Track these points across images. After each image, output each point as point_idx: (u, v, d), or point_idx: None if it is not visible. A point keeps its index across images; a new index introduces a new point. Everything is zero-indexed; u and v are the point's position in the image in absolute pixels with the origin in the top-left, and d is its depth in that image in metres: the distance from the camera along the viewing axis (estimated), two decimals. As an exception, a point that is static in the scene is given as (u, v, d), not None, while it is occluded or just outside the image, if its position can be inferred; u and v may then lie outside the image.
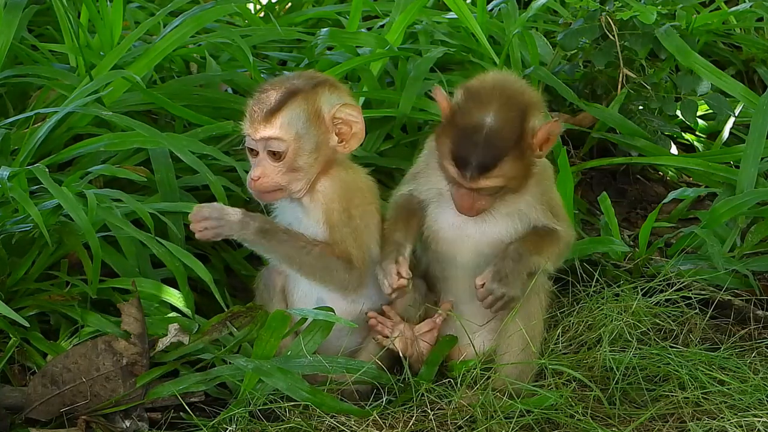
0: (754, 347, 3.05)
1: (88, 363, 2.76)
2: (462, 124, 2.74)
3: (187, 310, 2.92)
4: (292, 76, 2.86)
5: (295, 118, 2.76)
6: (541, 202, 2.89)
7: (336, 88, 2.84)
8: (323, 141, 2.79)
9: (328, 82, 2.84)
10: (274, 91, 2.77)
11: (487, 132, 2.71)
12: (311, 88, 2.79)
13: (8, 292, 2.93)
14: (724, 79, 3.86)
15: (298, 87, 2.78)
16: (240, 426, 2.68)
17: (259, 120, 2.75)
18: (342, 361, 2.77)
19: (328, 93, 2.80)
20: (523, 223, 2.89)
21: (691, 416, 2.74)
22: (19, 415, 2.74)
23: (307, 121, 2.77)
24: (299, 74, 2.90)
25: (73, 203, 2.82)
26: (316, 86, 2.80)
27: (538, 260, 2.85)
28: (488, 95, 2.74)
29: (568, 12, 4.38)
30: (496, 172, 2.73)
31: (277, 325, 2.75)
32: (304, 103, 2.77)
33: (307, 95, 2.77)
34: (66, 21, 3.73)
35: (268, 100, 2.76)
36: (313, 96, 2.78)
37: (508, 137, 2.72)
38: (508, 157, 2.72)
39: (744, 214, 3.47)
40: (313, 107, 2.77)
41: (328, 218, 2.81)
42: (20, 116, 3.36)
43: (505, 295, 2.80)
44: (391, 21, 4.02)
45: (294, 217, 2.86)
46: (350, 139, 2.82)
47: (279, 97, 2.76)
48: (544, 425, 2.71)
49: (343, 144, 2.81)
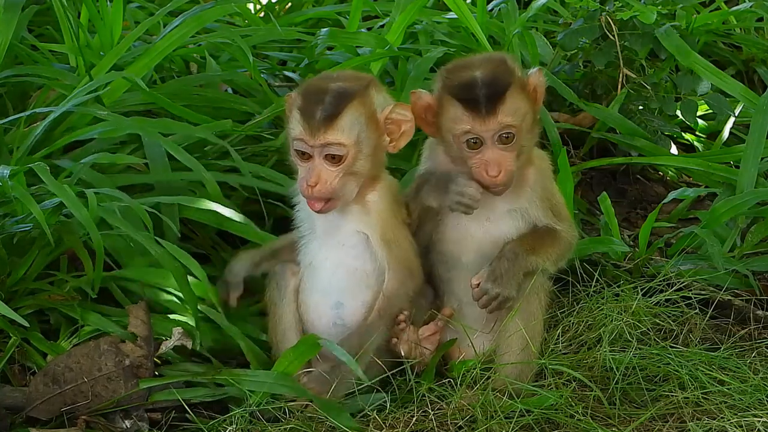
0: (754, 347, 3.05)
1: (90, 363, 2.76)
2: (455, 82, 2.80)
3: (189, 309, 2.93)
4: (335, 77, 2.81)
5: (356, 122, 2.72)
6: (543, 199, 2.90)
7: (380, 88, 2.83)
8: (378, 143, 2.78)
9: (374, 82, 2.82)
10: (327, 93, 2.72)
11: (483, 76, 2.78)
12: (364, 90, 2.75)
13: (8, 291, 2.93)
14: (724, 79, 3.86)
15: (353, 89, 2.73)
16: (240, 426, 2.68)
17: (319, 124, 2.70)
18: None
19: (377, 93, 2.79)
20: (526, 222, 2.90)
21: (691, 416, 2.74)
22: (20, 414, 2.74)
23: (366, 124, 2.74)
24: (341, 75, 2.84)
25: (75, 200, 2.82)
26: (368, 87, 2.77)
27: (536, 260, 2.85)
28: (471, 61, 2.87)
29: (568, 12, 4.38)
30: (508, 105, 2.77)
31: (306, 350, 2.76)
32: (362, 106, 2.73)
33: (363, 98, 2.74)
34: (66, 21, 3.73)
35: (323, 103, 2.71)
36: (369, 98, 2.75)
37: (505, 79, 2.79)
38: (510, 92, 2.78)
39: (744, 214, 3.47)
40: (370, 110, 2.75)
41: (384, 234, 2.81)
42: (17, 116, 3.36)
43: (500, 295, 2.80)
44: (391, 21, 4.02)
45: (332, 225, 2.83)
46: (399, 137, 2.81)
47: (336, 100, 2.71)
48: (544, 425, 2.71)
49: (393, 144, 2.81)
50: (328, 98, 2.71)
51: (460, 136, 2.80)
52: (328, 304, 2.85)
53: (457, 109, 2.79)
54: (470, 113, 2.78)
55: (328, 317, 2.85)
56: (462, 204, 2.78)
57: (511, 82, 2.80)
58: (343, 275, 2.83)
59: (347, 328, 2.83)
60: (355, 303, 2.84)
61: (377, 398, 2.77)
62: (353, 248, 2.83)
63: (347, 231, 2.83)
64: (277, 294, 2.89)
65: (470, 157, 2.81)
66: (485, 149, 2.80)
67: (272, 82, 4.02)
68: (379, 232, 2.80)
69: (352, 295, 2.84)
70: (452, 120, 2.80)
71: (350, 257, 2.83)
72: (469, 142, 2.80)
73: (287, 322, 2.87)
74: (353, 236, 2.83)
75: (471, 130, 2.78)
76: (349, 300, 2.84)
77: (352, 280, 2.83)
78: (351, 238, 2.83)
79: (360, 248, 2.83)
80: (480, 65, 2.83)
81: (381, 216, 2.81)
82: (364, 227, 2.82)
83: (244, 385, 2.74)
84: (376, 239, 2.80)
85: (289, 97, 2.82)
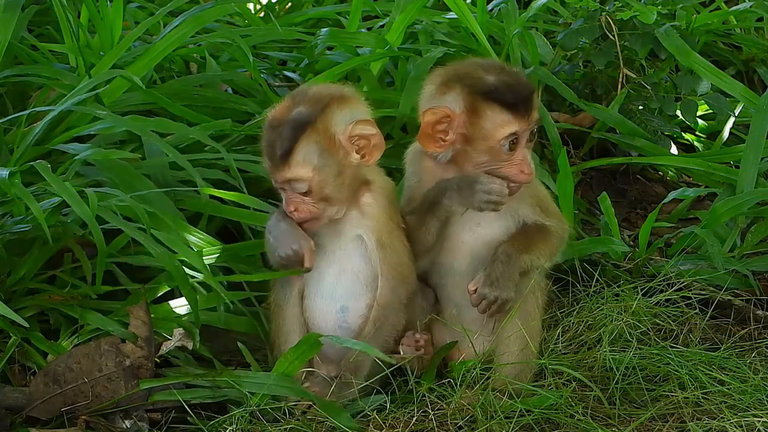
0: (754, 347, 3.05)
1: (91, 363, 2.76)
2: (491, 87, 2.78)
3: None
4: (300, 98, 2.75)
5: (310, 153, 2.69)
6: (530, 196, 2.89)
7: (344, 103, 2.75)
8: (345, 163, 2.74)
9: (334, 99, 2.75)
10: (281, 126, 2.70)
11: (516, 77, 2.81)
12: (319, 115, 2.70)
13: (8, 291, 2.94)
14: (724, 79, 3.86)
15: (303, 119, 2.69)
16: (240, 426, 2.68)
17: (277, 161, 2.69)
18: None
19: (338, 111, 2.73)
20: (515, 222, 2.89)
21: (691, 416, 2.74)
22: (20, 414, 2.74)
23: (323, 151, 2.70)
24: (304, 94, 2.76)
25: (76, 197, 2.82)
26: (324, 110, 2.71)
27: (530, 258, 2.84)
28: (486, 65, 2.85)
29: (568, 12, 4.38)
30: (536, 103, 2.82)
31: (307, 349, 2.76)
32: (315, 134, 2.69)
33: (315, 126, 2.69)
34: (66, 21, 3.73)
35: (278, 139, 2.69)
36: (323, 123, 2.70)
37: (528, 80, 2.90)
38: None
39: (744, 214, 3.47)
40: (326, 135, 2.70)
41: (380, 237, 2.80)
42: (17, 114, 3.36)
43: (498, 298, 2.79)
44: (391, 21, 4.02)
45: (333, 231, 2.82)
46: (371, 151, 2.77)
47: (288, 134, 2.68)
48: (544, 425, 2.71)
49: (365, 159, 2.77)
50: (283, 132, 2.69)
51: (503, 140, 2.78)
52: (334, 309, 2.85)
53: (501, 115, 2.77)
54: (514, 114, 2.77)
55: (333, 321, 2.85)
56: (491, 202, 2.77)
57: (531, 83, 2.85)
58: (348, 280, 2.84)
59: (351, 330, 2.84)
60: (358, 305, 2.84)
61: (377, 398, 2.77)
62: (355, 251, 2.83)
63: (348, 236, 2.83)
64: (282, 296, 2.88)
65: (504, 159, 2.80)
66: (518, 149, 2.80)
67: (272, 82, 4.02)
68: (376, 234, 2.80)
69: (356, 297, 2.85)
70: (495, 125, 2.78)
71: (353, 262, 2.83)
72: (510, 144, 2.79)
73: (291, 324, 2.87)
74: (354, 241, 2.83)
75: (516, 131, 2.78)
76: (353, 303, 2.84)
77: (356, 283, 2.84)
78: (352, 242, 2.83)
79: (361, 251, 2.83)
80: (495, 69, 2.82)
81: (377, 218, 2.80)
82: (362, 230, 2.82)
83: (245, 387, 2.73)
84: (373, 242, 2.80)
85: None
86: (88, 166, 3.20)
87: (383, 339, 2.82)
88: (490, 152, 2.80)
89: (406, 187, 2.95)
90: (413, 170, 2.94)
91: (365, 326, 2.82)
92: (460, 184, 2.79)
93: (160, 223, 3.00)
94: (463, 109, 2.79)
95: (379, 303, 2.82)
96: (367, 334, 2.81)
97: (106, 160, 3.13)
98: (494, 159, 2.80)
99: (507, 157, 2.80)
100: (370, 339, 2.80)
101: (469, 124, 2.79)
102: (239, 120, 3.61)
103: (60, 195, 2.83)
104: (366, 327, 2.82)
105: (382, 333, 2.82)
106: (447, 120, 2.79)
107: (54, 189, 2.84)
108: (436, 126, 2.80)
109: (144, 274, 3.12)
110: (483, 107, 2.78)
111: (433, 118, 2.79)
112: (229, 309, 3.01)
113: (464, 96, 2.79)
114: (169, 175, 3.23)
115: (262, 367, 2.92)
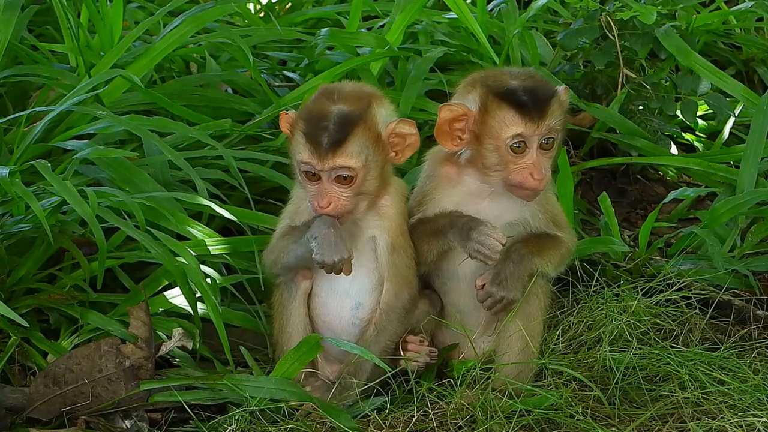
0: (754, 347, 3.05)
1: (91, 364, 2.76)
2: (505, 88, 2.79)
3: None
4: (335, 96, 2.77)
5: (363, 145, 2.73)
6: (544, 211, 2.90)
7: (381, 101, 2.82)
8: (385, 160, 2.79)
9: (374, 97, 2.81)
10: (331, 118, 2.72)
11: (533, 83, 2.81)
12: (367, 110, 2.75)
13: (8, 291, 2.94)
14: (724, 79, 3.86)
15: (356, 114, 2.73)
16: (240, 427, 2.68)
17: (326, 150, 2.70)
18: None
19: (379, 109, 2.78)
20: (526, 233, 2.89)
21: (691, 416, 2.74)
22: (20, 415, 2.74)
23: (372, 146, 2.75)
24: (341, 92, 2.79)
25: (76, 196, 2.82)
26: (370, 107, 2.76)
27: (540, 262, 2.85)
28: (511, 71, 2.88)
29: (568, 12, 4.38)
30: (554, 110, 2.79)
31: (307, 351, 2.77)
32: (367, 129, 2.74)
33: (366, 121, 2.74)
34: (66, 21, 3.73)
35: (330, 129, 2.71)
36: (372, 119, 2.76)
37: (550, 87, 2.85)
38: (555, 99, 2.81)
39: (744, 214, 3.47)
40: (374, 131, 2.76)
41: (395, 239, 2.83)
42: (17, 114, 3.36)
43: (504, 297, 2.80)
44: (391, 21, 4.03)
45: (349, 233, 2.81)
46: (404, 149, 2.81)
47: (341, 125, 2.71)
48: (544, 425, 2.71)
49: (398, 156, 2.81)
50: (332, 124, 2.71)
51: (509, 139, 2.78)
52: (349, 306, 2.86)
53: (508, 113, 2.78)
54: (522, 116, 2.77)
55: (348, 318, 2.86)
56: (481, 253, 2.77)
57: (555, 92, 2.82)
58: (364, 278, 2.85)
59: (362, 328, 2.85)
60: (371, 300, 2.86)
61: (377, 399, 2.77)
62: (372, 251, 2.85)
63: (364, 236, 2.84)
64: (287, 296, 2.89)
65: (513, 162, 2.80)
66: (529, 154, 2.79)
67: (272, 82, 4.02)
68: (390, 236, 2.83)
69: (369, 294, 2.86)
70: (502, 124, 2.78)
71: (369, 260, 2.85)
72: (514, 146, 2.78)
73: (294, 324, 2.87)
74: (370, 242, 2.84)
75: (522, 133, 2.78)
76: (367, 299, 2.86)
77: (372, 280, 2.86)
78: (369, 243, 2.84)
79: (374, 251, 2.85)
80: (522, 75, 2.83)
81: (393, 219, 2.84)
82: (377, 231, 2.83)
83: (245, 390, 2.73)
84: (385, 243, 2.82)
85: (289, 118, 2.79)
86: (88, 165, 3.20)
87: (384, 343, 2.83)
88: (498, 152, 2.79)
89: (419, 187, 2.96)
90: (431, 173, 2.94)
91: (368, 329, 2.83)
92: (463, 226, 2.80)
93: (160, 218, 3.00)
94: (479, 107, 2.80)
95: (382, 307, 2.84)
96: (369, 337, 2.81)
97: (105, 158, 3.13)
98: (502, 160, 2.80)
99: (515, 160, 2.79)
100: (371, 343, 2.81)
101: (480, 122, 2.80)
102: (239, 120, 3.62)
103: (60, 194, 2.83)
104: (368, 330, 2.83)
105: (384, 337, 2.83)
106: (464, 118, 2.81)
107: (54, 188, 2.84)
108: (454, 123, 2.81)
109: (143, 273, 3.12)
110: (493, 105, 2.79)
111: (449, 116, 2.80)
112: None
113: (481, 95, 2.81)
114: (169, 175, 3.23)
115: (262, 367, 2.92)
